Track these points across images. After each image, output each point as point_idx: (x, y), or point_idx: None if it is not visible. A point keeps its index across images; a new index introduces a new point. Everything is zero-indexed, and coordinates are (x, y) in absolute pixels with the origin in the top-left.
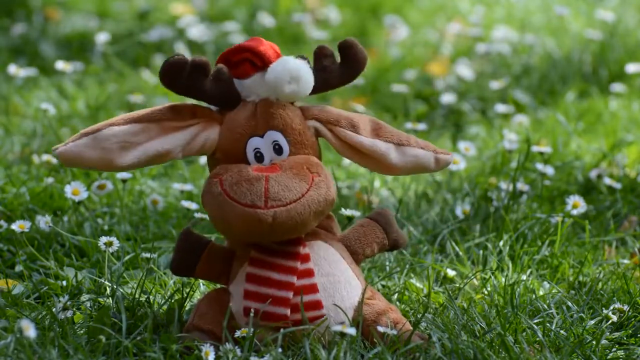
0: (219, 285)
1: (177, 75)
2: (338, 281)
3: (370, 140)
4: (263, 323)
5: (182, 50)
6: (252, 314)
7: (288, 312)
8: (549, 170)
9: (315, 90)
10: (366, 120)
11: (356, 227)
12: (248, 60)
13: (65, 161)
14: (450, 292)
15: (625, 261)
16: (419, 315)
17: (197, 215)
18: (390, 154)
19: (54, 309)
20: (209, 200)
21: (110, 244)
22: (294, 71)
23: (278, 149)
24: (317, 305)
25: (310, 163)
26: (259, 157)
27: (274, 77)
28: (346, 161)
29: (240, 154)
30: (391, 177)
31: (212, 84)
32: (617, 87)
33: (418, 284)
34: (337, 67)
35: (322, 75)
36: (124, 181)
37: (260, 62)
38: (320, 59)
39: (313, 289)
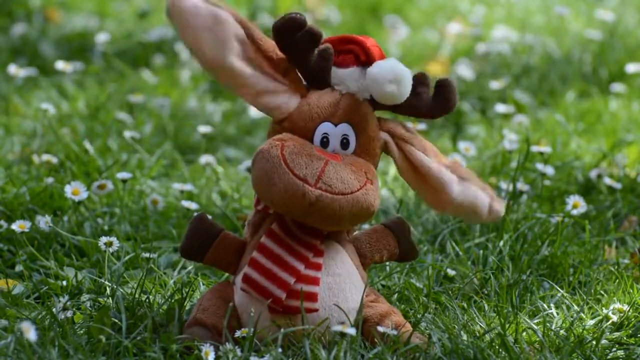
0: (223, 279)
1: (290, 32)
2: (343, 282)
3: (438, 166)
4: (256, 295)
5: (182, 49)
6: (251, 314)
7: (284, 296)
8: (549, 170)
9: (398, 109)
10: (434, 149)
11: (369, 232)
12: (352, 52)
13: (175, 13)
14: (450, 292)
15: (625, 261)
16: (419, 315)
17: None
18: (453, 186)
19: (54, 309)
20: (263, 159)
21: (110, 244)
22: (398, 73)
23: (345, 144)
24: (313, 297)
25: (369, 169)
26: (325, 143)
27: (378, 72)
28: None
29: (309, 132)
30: (391, 177)
31: (315, 58)
32: (617, 87)
33: (418, 284)
34: (429, 98)
35: (413, 100)
36: (124, 181)
37: (364, 57)
38: (417, 84)
39: (315, 281)
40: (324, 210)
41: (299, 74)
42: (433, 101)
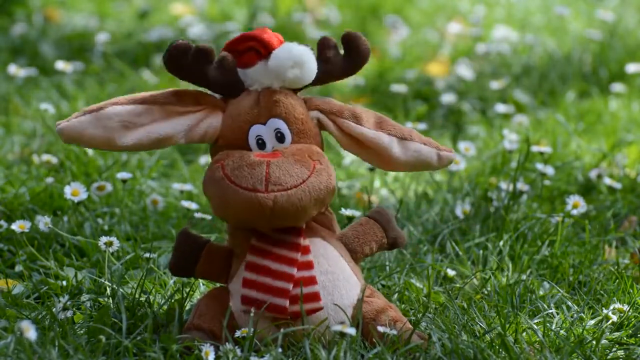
0: (219, 284)
1: (180, 59)
2: (337, 279)
3: (373, 131)
4: (260, 311)
5: None
6: (252, 314)
7: (287, 303)
8: (549, 170)
9: (318, 81)
10: (369, 113)
11: (355, 226)
12: (253, 49)
13: (67, 137)
14: (450, 292)
15: (625, 261)
16: (419, 315)
17: (198, 215)
18: (393, 147)
19: (54, 309)
20: (211, 185)
21: (110, 244)
22: (297, 56)
23: (280, 137)
24: (315, 297)
25: (311, 151)
26: (261, 145)
27: (277, 61)
28: (346, 161)
29: (243, 141)
30: (391, 177)
31: (215, 71)
32: (617, 87)
33: (418, 284)
34: (340, 58)
35: (325, 67)
36: (124, 181)
37: (264, 50)
38: (323, 50)
39: (312, 281)
40: (286, 209)
41: (210, 92)
42: (345, 60)
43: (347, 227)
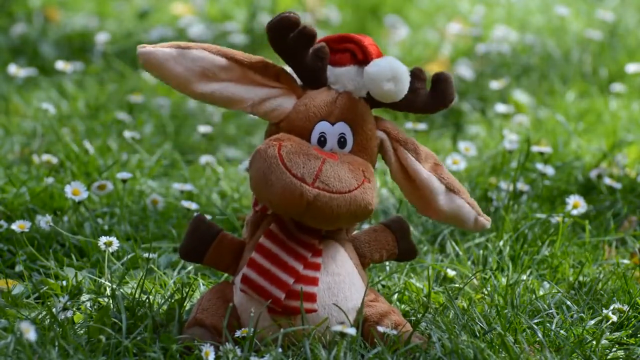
0: (222, 280)
1: (284, 32)
2: (343, 281)
3: (428, 173)
4: (255, 295)
5: None
6: (252, 314)
7: (283, 296)
8: (549, 170)
9: (396, 106)
10: (429, 154)
11: (368, 231)
12: (349, 51)
13: (147, 63)
14: (450, 292)
15: (625, 261)
16: (419, 315)
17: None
18: (440, 194)
19: (54, 309)
20: (261, 160)
21: (110, 244)
22: (396, 71)
23: (342, 142)
24: (312, 297)
25: (366, 167)
26: (322, 142)
27: (377, 70)
28: None
29: (306, 132)
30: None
31: (309, 57)
32: (617, 87)
33: (418, 284)
34: (425, 93)
35: (410, 95)
36: (124, 181)
37: (361, 56)
38: (414, 80)
39: (313, 281)
40: (322, 209)
41: (295, 73)
42: (430, 96)
43: (361, 231)
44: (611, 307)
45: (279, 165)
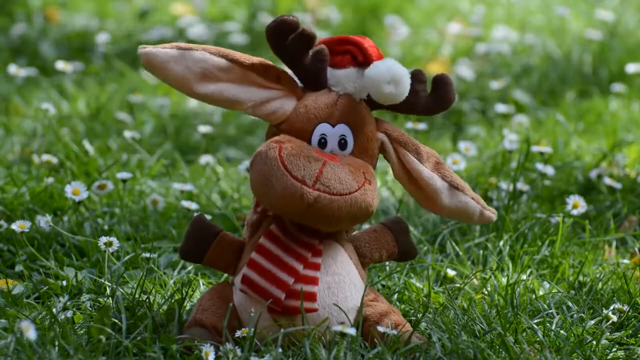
0: (222, 280)
1: (283, 35)
2: (343, 281)
3: (430, 173)
4: (255, 296)
5: None
6: (252, 314)
7: (283, 296)
8: (549, 170)
9: (396, 108)
10: (430, 154)
11: (368, 231)
12: (349, 53)
13: (148, 63)
14: (450, 292)
15: (625, 261)
16: (419, 315)
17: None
18: (443, 192)
19: (54, 309)
20: (261, 162)
21: (110, 244)
22: (396, 73)
23: (343, 144)
24: (312, 297)
25: (367, 169)
26: (322, 144)
27: (376, 72)
28: None
29: (307, 134)
30: (391, 177)
31: (309, 60)
32: (617, 87)
33: (418, 284)
34: (426, 95)
35: (411, 98)
36: (124, 181)
37: (362, 58)
38: (415, 82)
39: (313, 281)
40: (323, 211)
41: (295, 75)
42: (430, 98)
43: (361, 231)
44: (611, 307)
45: (279, 168)
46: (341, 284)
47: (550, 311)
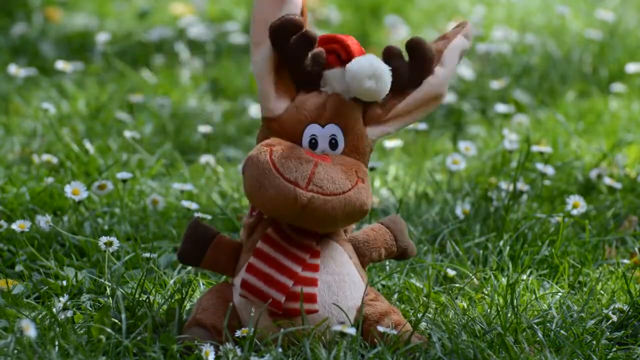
0: (222, 280)
1: (287, 35)
2: (343, 280)
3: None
4: (255, 299)
5: (182, 49)
6: (252, 314)
7: (283, 298)
8: (549, 170)
9: (387, 98)
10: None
11: (367, 230)
12: (334, 52)
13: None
14: (450, 292)
15: (625, 261)
16: (419, 315)
17: (197, 215)
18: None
19: (54, 309)
20: (253, 166)
21: (110, 244)
22: (376, 68)
23: (333, 144)
24: (312, 298)
25: (359, 168)
26: (313, 145)
27: (356, 68)
28: None
29: (297, 134)
30: (391, 177)
31: (308, 61)
32: (617, 87)
33: (418, 284)
34: (407, 68)
35: (392, 78)
36: (124, 181)
37: (345, 56)
38: (389, 59)
39: (313, 282)
40: (317, 212)
41: (291, 75)
42: (410, 68)
43: (359, 230)
44: (611, 307)
45: (271, 171)
46: (341, 283)
47: (550, 311)
